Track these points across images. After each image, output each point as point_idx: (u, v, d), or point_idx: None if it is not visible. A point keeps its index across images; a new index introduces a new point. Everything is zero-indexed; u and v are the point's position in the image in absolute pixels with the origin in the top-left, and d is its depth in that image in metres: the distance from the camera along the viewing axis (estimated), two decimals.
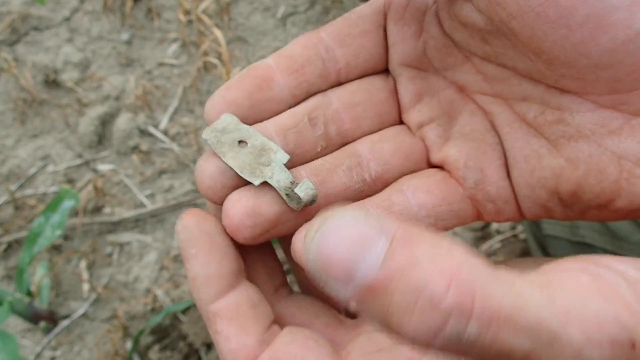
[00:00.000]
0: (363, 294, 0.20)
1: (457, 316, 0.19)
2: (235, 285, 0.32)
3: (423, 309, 0.19)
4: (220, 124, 0.33)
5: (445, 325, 0.19)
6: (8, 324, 1.26)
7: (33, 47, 1.56)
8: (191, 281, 0.32)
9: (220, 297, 0.31)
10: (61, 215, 1.17)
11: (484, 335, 0.19)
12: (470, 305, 0.19)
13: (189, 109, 1.49)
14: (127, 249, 1.36)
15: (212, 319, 0.31)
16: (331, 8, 1.58)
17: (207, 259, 0.31)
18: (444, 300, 0.19)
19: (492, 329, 0.19)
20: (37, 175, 1.42)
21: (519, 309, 0.19)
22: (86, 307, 1.28)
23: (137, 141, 1.44)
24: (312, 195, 0.31)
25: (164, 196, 1.41)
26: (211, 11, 1.58)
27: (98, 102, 1.49)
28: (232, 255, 0.32)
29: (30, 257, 1.16)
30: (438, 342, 0.19)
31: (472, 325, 0.19)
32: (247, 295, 0.32)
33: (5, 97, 1.51)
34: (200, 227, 0.32)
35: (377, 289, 0.20)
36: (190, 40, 1.56)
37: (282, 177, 0.32)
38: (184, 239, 0.32)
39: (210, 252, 0.31)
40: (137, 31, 1.60)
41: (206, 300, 0.31)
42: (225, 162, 0.32)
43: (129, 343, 1.24)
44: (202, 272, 0.31)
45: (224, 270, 0.31)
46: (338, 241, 0.20)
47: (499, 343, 0.19)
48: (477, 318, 0.19)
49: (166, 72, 1.54)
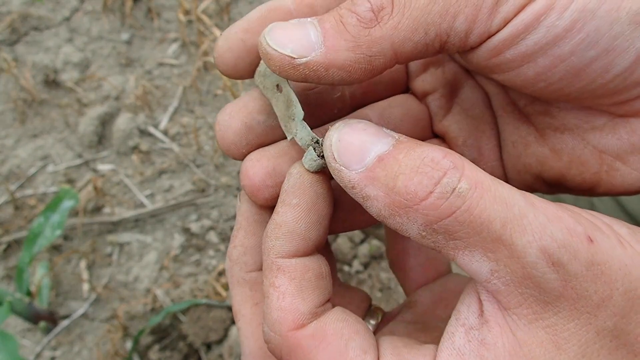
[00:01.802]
0: (374, 165, 0.28)
1: (451, 173, 0.26)
2: (312, 252, 0.31)
3: (425, 167, 0.27)
4: (262, 67, 0.33)
5: (443, 177, 0.26)
6: (8, 324, 1.26)
7: (33, 47, 1.56)
8: (274, 226, 0.31)
9: (292, 255, 0.30)
10: (61, 215, 1.17)
11: (471, 193, 0.26)
12: (461, 169, 0.26)
13: (189, 108, 1.49)
14: (127, 249, 1.36)
15: (273, 270, 0.30)
16: None
17: (303, 215, 0.30)
18: (442, 161, 0.27)
19: (477, 191, 0.26)
20: (37, 175, 1.42)
21: (497, 184, 0.27)
22: (86, 307, 1.28)
23: (137, 141, 1.44)
24: (316, 165, 0.32)
25: (163, 196, 1.41)
26: (211, 11, 1.58)
27: (98, 102, 1.49)
28: (325, 225, 0.32)
29: (30, 257, 1.16)
30: (434, 196, 0.26)
31: (462, 182, 0.26)
32: (319, 265, 0.31)
33: (5, 97, 1.51)
34: (315, 184, 0.31)
35: (387, 159, 0.27)
36: (190, 40, 1.56)
37: (304, 134, 0.32)
38: (293, 184, 0.31)
39: (311, 211, 0.31)
40: (137, 31, 1.60)
41: (277, 252, 0.30)
42: (275, 109, 0.32)
43: (129, 343, 1.24)
44: (291, 225, 0.30)
45: (312, 234, 0.31)
46: (357, 132, 0.29)
47: (481, 208, 0.26)
48: (467, 178, 0.26)
49: (166, 72, 1.54)
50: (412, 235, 0.28)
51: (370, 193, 0.28)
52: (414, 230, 0.27)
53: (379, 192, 0.27)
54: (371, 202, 0.28)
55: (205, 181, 1.41)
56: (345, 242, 1.32)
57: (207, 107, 1.50)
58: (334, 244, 1.32)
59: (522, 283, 0.26)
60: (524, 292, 0.26)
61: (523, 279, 0.26)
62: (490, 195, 0.26)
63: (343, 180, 0.28)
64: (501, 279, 0.26)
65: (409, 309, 0.39)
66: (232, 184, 1.40)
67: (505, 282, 0.26)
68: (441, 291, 0.39)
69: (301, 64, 0.28)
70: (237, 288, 0.36)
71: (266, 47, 0.29)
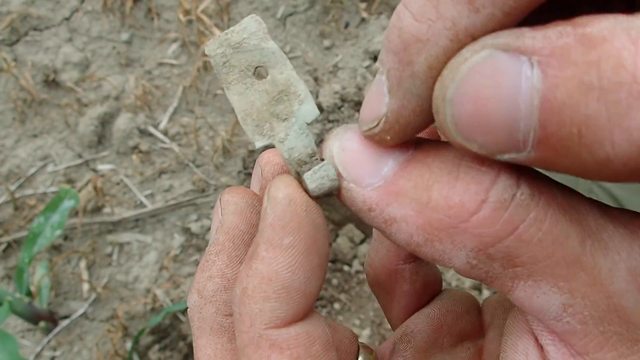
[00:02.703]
0: (396, 176, 0.21)
1: (505, 175, 0.20)
2: (312, 312, 0.23)
3: (467, 169, 0.20)
4: (237, 34, 0.23)
5: (496, 181, 0.20)
6: (8, 324, 1.26)
7: (33, 47, 1.56)
8: (259, 280, 0.22)
9: (289, 322, 0.22)
10: (61, 215, 1.17)
11: (536, 200, 0.20)
12: (515, 169, 0.20)
13: (189, 108, 1.49)
14: (127, 249, 1.36)
15: (263, 349, 0.22)
16: (331, 8, 1.58)
17: (301, 260, 0.22)
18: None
19: (543, 197, 0.20)
20: (37, 175, 1.42)
21: (560, 187, 0.21)
22: (86, 307, 1.28)
23: (137, 141, 1.44)
24: (329, 187, 0.22)
25: (163, 196, 1.41)
26: (211, 11, 1.58)
27: (98, 102, 1.49)
28: (326, 269, 0.23)
29: (30, 257, 1.15)
30: (489, 208, 0.19)
31: (522, 187, 0.20)
32: (323, 331, 0.23)
33: (5, 97, 1.51)
34: (311, 212, 0.22)
35: (412, 165, 0.21)
36: (190, 40, 1.56)
37: (298, 144, 0.22)
38: (281, 215, 0.22)
39: (310, 253, 0.22)
40: (137, 31, 1.60)
41: (268, 319, 0.22)
42: (228, 98, 0.23)
43: (129, 343, 1.24)
44: (286, 277, 0.21)
45: (313, 287, 0.22)
46: (360, 146, 0.22)
47: (552, 221, 0.19)
48: (526, 180, 0.20)
49: (166, 72, 1.54)
50: (457, 266, 0.21)
51: (395, 214, 0.21)
52: (460, 259, 0.20)
53: (407, 210, 0.20)
54: (398, 226, 0.21)
55: (205, 181, 1.41)
56: (345, 242, 1.32)
57: (207, 107, 1.50)
58: (334, 243, 1.32)
59: (605, 318, 0.20)
60: (607, 330, 0.20)
61: (607, 312, 0.20)
62: (557, 203, 0.20)
63: (355, 202, 0.21)
64: (577, 316, 0.20)
65: (407, 343, 0.31)
66: (232, 183, 1.40)
67: (583, 319, 0.20)
68: (440, 315, 0.31)
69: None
70: (207, 337, 0.25)
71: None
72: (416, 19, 0.19)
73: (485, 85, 0.18)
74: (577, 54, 0.16)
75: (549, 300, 0.20)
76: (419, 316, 0.31)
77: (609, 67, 0.16)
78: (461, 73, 0.18)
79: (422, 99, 0.20)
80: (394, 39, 0.19)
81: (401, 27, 0.19)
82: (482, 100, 0.18)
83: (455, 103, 0.18)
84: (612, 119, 0.16)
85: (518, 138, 0.18)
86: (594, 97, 0.16)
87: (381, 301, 0.33)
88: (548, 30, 0.17)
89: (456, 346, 0.30)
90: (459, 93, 0.18)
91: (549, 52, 0.17)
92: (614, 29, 0.16)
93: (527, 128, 0.17)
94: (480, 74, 0.18)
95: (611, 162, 0.17)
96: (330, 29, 1.58)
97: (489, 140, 0.18)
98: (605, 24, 0.17)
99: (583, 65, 0.16)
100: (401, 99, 0.20)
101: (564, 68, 0.17)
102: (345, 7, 1.61)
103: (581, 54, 0.16)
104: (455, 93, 0.18)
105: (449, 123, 0.18)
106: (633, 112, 0.16)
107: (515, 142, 0.18)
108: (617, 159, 0.16)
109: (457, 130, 0.18)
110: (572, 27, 0.17)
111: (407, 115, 0.20)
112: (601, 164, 0.17)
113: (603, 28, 0.16)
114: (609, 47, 0.16)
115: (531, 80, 0.17)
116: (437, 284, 0.32)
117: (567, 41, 0.17)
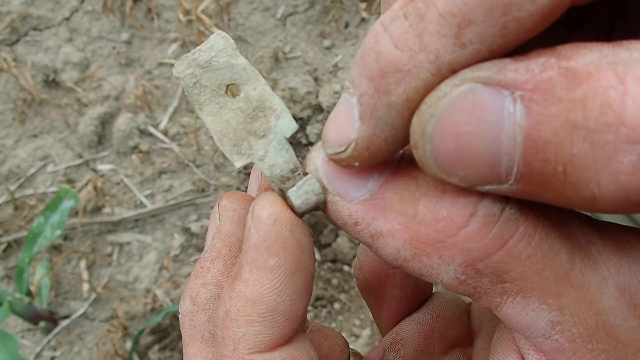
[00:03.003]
0: (382, 188, 0.20)
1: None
2: (298, 335, 0.22)
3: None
4: (204, 53, 0.22)
5: (485, 194, 0.19)
6: (8, 324, 1.26)
7: (33, 47, 1.56)
8: (242, 302, 0.21)
9: (274, 346, 0.21)
10: (61, 215, 1.17)
11: (526, 215, 0.19)
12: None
13: (189, 108, 1.49)
14: (126, 249, 1.36)
15: None
16: (331, 8, 1.58)
17: (286, 281, 0.21)
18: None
19: (533, 212, 0.19)
20: (36, 175, 1.42)
21: (545, 205, 0.19)
22: (86, 307, 1.28)
23: (137, 141, 1.44)
24: (315, 201, 0.21)
25: (163, 196, 1.41)
26: (211, 11, 1.58)
27: (98, 102, 1.49)
28: (311, 290, 0.22)
29: (30, 257, 1.16)
30: (477, 221, 0.19)
31: (511, 201, 0.19)
32: (308, 354, 0.22)
33: (5, 97, 1.51)
34: (296, 232, 0.21)
35: (399, 177, 0.20)
36: (190, 40, 1.56)
37: (279, 160, 0.22)
38: (265, 235, 0.21)
39: (295, 274, 0.21)
40: (137, 31, 1.60)
41: (252, 344, 0.21)
42: (202, 119, 0.22)
43: (129, 343, 1.24)
44: (271, 299, 0.20)
45: (299, 309, 0.21)
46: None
47: (541, 236, 0.19)
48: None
49: (166, 72, 1.54)
50: (445, 281, 0.20)
51: (381, 228, 0.20)
52: (449, 274, 0.20)
53: (394, 224, 0.20)
54: (384, 240, 0.20)
55: (205, 181, 1.41)
56: (345, 242, 1.32)
57: None
58: (334, 243, 1.32)
59: (594, 336, 0.19)
60: (595, 349, 0.20)
61: (595, 330, 0.19)
62: (547, 218, 0.20)
63: (340, 216, 0.21)
64: (565, 333, 0.19)
65: (397, 352, 0.30)
66: (232, 184, 1.40)
67: (571, 336, 0.19)
68: (431, 321, 0.30)
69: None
70: (198, 346, 0.24)
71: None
72: (397, 47, 0.18)
73: (466, 121, 0.17)
74: (562, 90, 0.16)
75: (538, 317, 0.20)
76: (409, 322, 0.30)
77: (596, 106, 0.15)
78: (440, 108, 0.17)
79: (397, 129, 0.19)
80: (371, 63, 0.18)
81: (379, 52, 0.18)
82: (462, 135, 0.17)
83: (435, 139, 0.18)
84: (598, 160, 0.16)
85: (500, 172, 0.17)
86: (580, 136, 0.16)
87: (370, 306, 0.32)
88: (531, 62, 0.17)
89: (446, 353, 0.30)
90: (438, 129, 0.17)
91: (532, 87, 0.16)
92: (599, 63, 0.16)
93: (510, 164, 0.17)
94: (460, 109, 0.17)
95: (597, 201, 0.16)
96: (330, 29, 1.58)
97: (470, 175, 0.18)
98: (590, 57, 0.16)
99: (568, 103, 0.16)
100: (374, 127, 0.19)
101: (549, 105, 0.16)
102: (345, 7, 1.61)
103: (566, 90, 0.16)
104: (434, 129, 0.17)
105: (429, 158, 0.18)
106: (620, 155, 0.15)
107: (497, 176, 0.17)
108: (603, 198, 0.16)
109: (438, 165, 0.18)
110: (556, 60, 0.16)
111: (378, 144, 0.19)
112: (586, 201, 0.16)
113: (588, 62, 0.16)
114: (594, 84, 0.16)
115: (514, 116, 0.16)
116: (428, 288, 0.32)
117: (551, 75, 0.16)
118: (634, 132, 0.15)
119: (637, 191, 0.16)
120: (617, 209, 0.16)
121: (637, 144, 0.15)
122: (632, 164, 0.15)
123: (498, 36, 0.17)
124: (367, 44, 0.18)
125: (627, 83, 0.15)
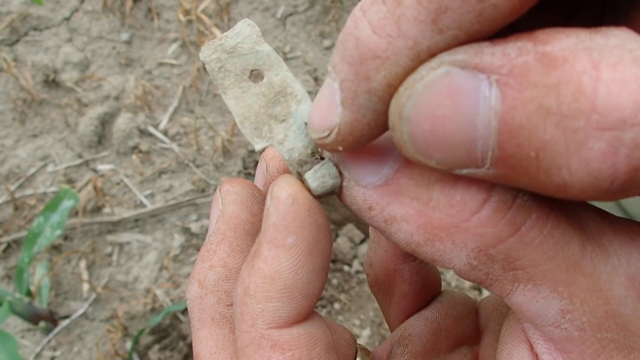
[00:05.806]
0: (398, 173, 0.20)
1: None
2: (313, 313, 0.22)
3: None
4: (230, 39, 0.23)
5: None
6: (8, 324, 1.26)
7: (33, 47, 1.56)
8: (261, 279, 0.21)
9: (292, 322, 0.21)
10: (61, 215, 1.17)
11: (539, 202, 0.19)
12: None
13: (189, 108, 1.49)
14: (126, 249, 1.36)
15: (265, 348, 0.21)
16: (331, 8, 1.58)
17: (304, 260, 0.21)
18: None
19: (546, 199, 0.19)
20: (36, 175, 1.42)
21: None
22: (86, 307, 1.28)
23: (137, 141, 1.44)
24: (331, 185, 0.22)
25: (163, 196, 1.41)
26: (211, 11, 1.58)
27: (98, 102, 1.49)
28: (327, 270, 0.23)
29: (30, 257, 1.16)
30: (490, 207, 0.19)
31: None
32: (324, 332, 0.22)
33: (5, 97, 1.51)
34: (314, 212, 0.21)
35: (414, 163, 0.20)
36: (190, 40, 1.56)
37: (298, 144, 0.22)
38: (284, 215, 0.21)
39: (313, 253, 0.21)
40: (137, 31, 1.60)
41: (270, 319, 0.21)
42: (225, 102, 0.23)
43: (129, 343, 1.24)
44: (289, 276, 0.21)
45: (316, 287, 0.22)
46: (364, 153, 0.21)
47: (553, 223, 0.19)
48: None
49: (166, 72, 1.54)
50: (457, 267, 0.20)
51: (395, 213, 0.20)
52: (461, 259, 0.20)
53: (408, 209, 0.20)
54: (398, 225, 0.20)
55: (205, 181, 1.41)
56: (345, 242, 1.32)
57: (207, 107, 1.50)
58: (334, 243, 1.32)
59: (603, 325, 0.19)
60: (604, 338, 0.20)
61: (604, 319, 0.19)
62: (559, 206, 0.20)
63: (355, 201, 0.21)
64: (575, 322, 0.19)
65: (404, 347, 0.30)
66: None
67: (581, 325, 0.19)
68: (439, 318, 0.31)
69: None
70: (209, 329, 0.25)
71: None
72: (375, 32, 0.18)
73: (442, 104, 0.17)
74: (537, 74, 0.16)
75: (548, 306, 0.20)
76: (417, 319, 0.31)
77: (569, 92, 0.15)
78: (417, 91, 0.17)
79: (379, 114, 0.19)
80: (350, 49, 0.18)
81: (358, 38, 0.18)
82: (438, 119, 0.17)
83: (412, 121, 0.18)
84: (570, 146, 0.16)
85: (476, 156, 0.17)
86: (553, 122, 0.16)
87: (380, 302, 0.32)
88: (507, 46, 0.17)
89: (453, 351, 0.30)
90: (415, 111, 0.18)
91: (508, 71, 0.16)
92: (575, 49, 0.16)
93: (485, 147, 0.17)
94: (436, 92, 0.17)
95: (568, 188, 0.16)
96: (330, 29, 1.58)
97: (447, 158, 0.18)
98: (566, 43, 0.16)
99: (542, 88, 0.16)
100: (355, 113, 0.19)
101: (523, 89, 0.16)
102: (345, 7, 1.61)
103: (541, 75, 0.16)
104: (411, 111, 0.18)
105: (406, 140, 0.18)
106: (591, 141, 0.15)
107: (473, 159, 0.18)
108: (574, 185, 0.16)
109: (415, 147, 0.18)
110: (533, 44, 0.16)
111: (361, 129, 0.19)
112: (559, 187, 0.17)
113: (564, 47, 0.16)
114: (569, 69, 0.15)
115: (489, 100, 0.16)
116: (437, 285, 0.32)
117: (527, 59, 0.16)
118: (604, 118, 0.15)
119: (606, 179, 0.16)
120: (587, 196, 0.16)
121: (607, 131, 0.15)
122: (602, 151, 0.15)
123: (475, 22, 0.17)
124: (347, 29, 0.19)
125: (600, 69, 0.15)
